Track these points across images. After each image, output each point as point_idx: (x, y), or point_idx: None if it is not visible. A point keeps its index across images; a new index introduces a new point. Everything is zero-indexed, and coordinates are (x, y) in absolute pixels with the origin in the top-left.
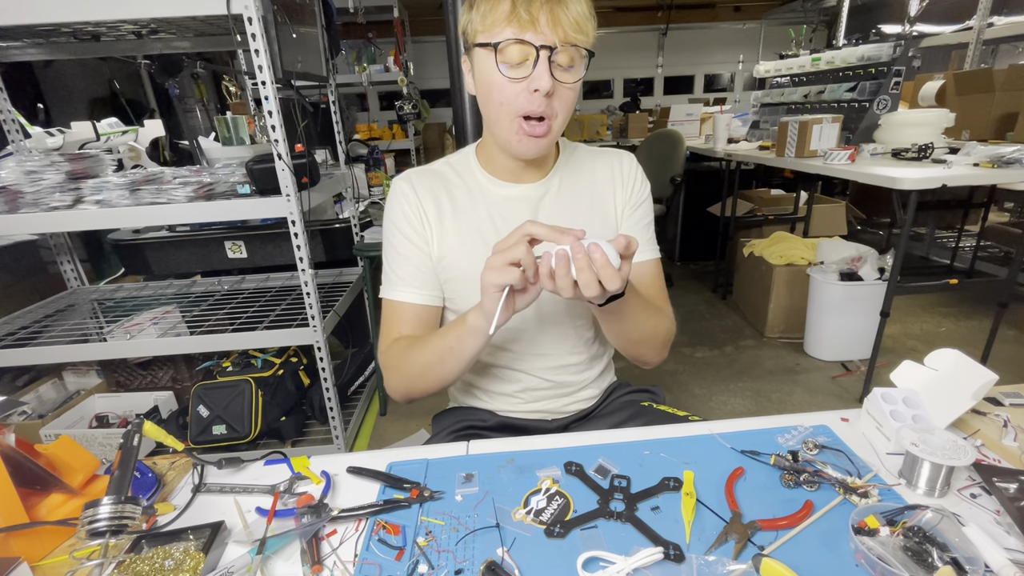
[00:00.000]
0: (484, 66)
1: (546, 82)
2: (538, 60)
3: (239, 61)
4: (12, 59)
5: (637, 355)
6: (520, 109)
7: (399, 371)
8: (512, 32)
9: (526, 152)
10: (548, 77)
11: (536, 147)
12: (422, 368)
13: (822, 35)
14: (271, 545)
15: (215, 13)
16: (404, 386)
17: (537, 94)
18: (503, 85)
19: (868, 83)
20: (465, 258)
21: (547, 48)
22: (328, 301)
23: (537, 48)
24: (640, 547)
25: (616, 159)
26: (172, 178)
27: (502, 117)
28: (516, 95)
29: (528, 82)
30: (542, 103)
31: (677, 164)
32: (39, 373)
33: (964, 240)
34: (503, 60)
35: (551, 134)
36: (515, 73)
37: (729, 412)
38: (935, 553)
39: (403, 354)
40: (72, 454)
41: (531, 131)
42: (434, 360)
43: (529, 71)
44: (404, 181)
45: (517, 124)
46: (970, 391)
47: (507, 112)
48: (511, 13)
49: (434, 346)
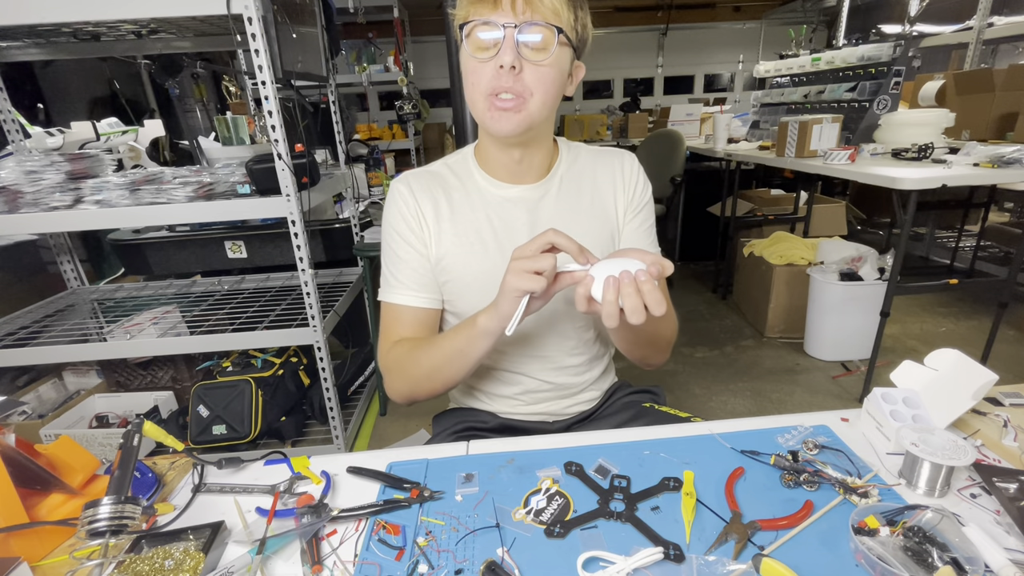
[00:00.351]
0: (464, 53)
1: (509, 57)
2: (504, 39)
3: (239, 61)
4: (12, 59)
5: (642, 358)
6: (489, 87)
7: (404, 374)
8: (478, 13)
9: (501, 128)
10: (512, 52)
11: (509, 122)
12: (429, 371)
13: (822, 35)
14: (271, 545)
15: (215, 13)
16: (408, 388)
17: (503, 70)
18: (475, 67)
19: (868, 83)
20: (463, 259)
21: (512, 26)
22: (328, 301)
23: (502, 27)
24: (640, 547)
25: (618, 160)
26: (172, 178)
27: (476, 98)
28: (489, 77)
29: (495, 60)
30: (509, 78)
31: (677, 164)
32: (39, 373)
33: (964, 240)
34: (473, 43)
35: (526, 111)
36: (485, 55)
37: (729, 412)
38: (935, 553)
39: (408, 357)
40: (72, 454)
41: (501, 105)
42: (442, 362)
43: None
44: (402, 183)
45: (489, 102)
46: (970, 391)
47: (480, 92)
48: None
49: (442, 348)
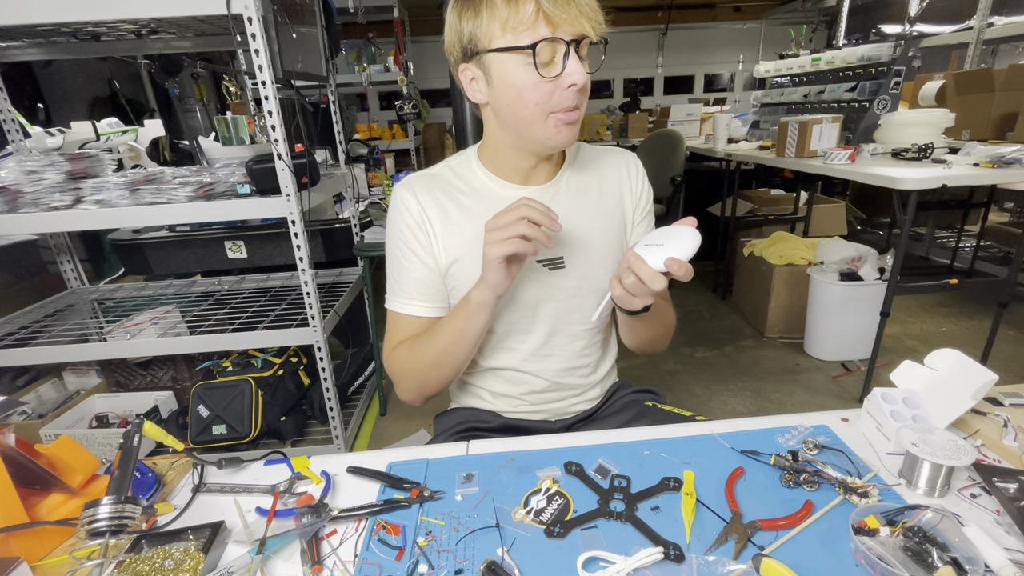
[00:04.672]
0: (509, 70)
1: (582, 76)
2: (568, 55)
3: (239, 61)
4: (12, 59)
5: (647, 349)
6: (556, 105)
7: (410, 371)
8: (544, 31)
9: (567, 142)
10: (583, 71)
11: (572, 134)
12: (435, 359)
13: (822, 35)
14: (271, 545)
15: (215, 13)
16: (417, 384)
17: (572, 88)
18: (536, 85)
19: (868, 83)
20: (474, 264)
21: (575, 42)
22: (328, 301)
23: (567, 43)
24: (640, 547)
25: (623, 160)
26: (172, 178)
27: (536, 117)
28: (551, 93)
29: (562, 78)
30: (577, 97)
31: (677, 164)
32: (39, 373)
33: (964, 240)
34: (540, 59)
35: (579, 122)
36: (550, 72)
37: (729, 412)
38: (935, 553)
39: (411, 353)
40: (72, 454)
41: (568, 119)
42: (446, 347)
43: (560, 68)
44: (405, 188)
45: (554, 120)
46: (970, 391)
47: (541, 111)
48: (537, 13)
49: (443, 334)
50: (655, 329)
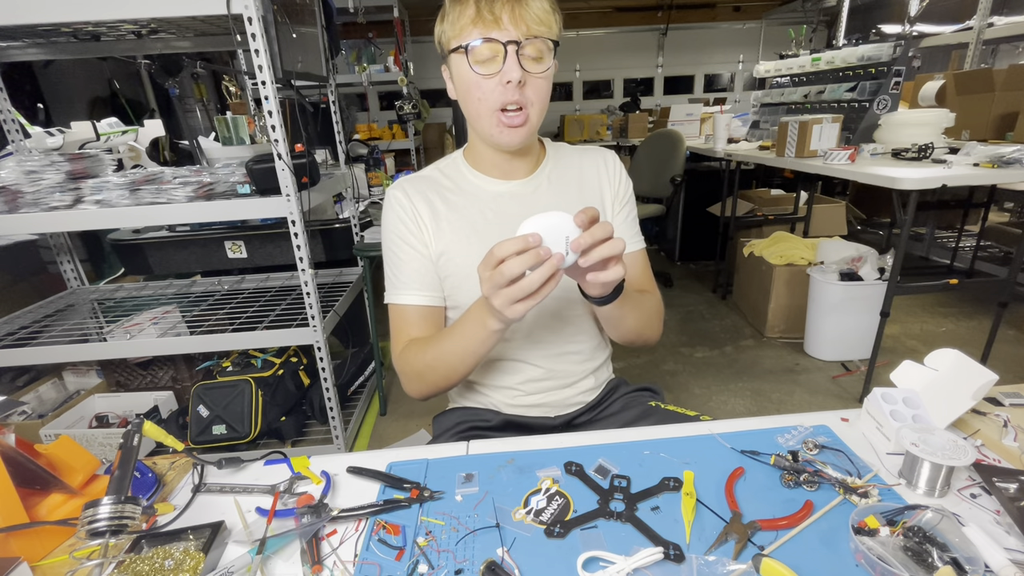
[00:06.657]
0: (460, 69)
1: (516, 73)
2: (507, 55)
3: (239, 61)
4: (12, 59)
5: (637, 341)
6: (497, 102)
7: (420, 379)
8: (479, 32)
9: (510, 142)
10: (518, 68)
11: (518, 136)
12: (446, 372)
13: (822, 35)
14: (271, 545)
15: (215, 13)
16: (425, 389)
17: (510, 85)
18: (478, 82)
19: (868, 83)
20: (462, 253)
21: (513, 43)
22: (328, 301)
23: (504, 44)
24: (640, 547)
25: (600, 156)
26: (172, 178)
27: (482, 112)
28: (492, 90)
29: (500, 76)
30: (516, 93)
31: (677, 164)
32: (39, 373)
33: (964, 240)
34: (475, 59)
35: (529, 123)
36: (487, 69)
37: (729, 412)
38: (935, 553)
39: (421, 362)
40: (72, 454)
41: (510, 122)
42: (456, 363)
43: (500, 66)
44: (397, 189)
45: (496, 117)
46: (970, 391)
47: (486, 107)
48: (476, 16)
49: (454, 352)
50: (635, 317)
